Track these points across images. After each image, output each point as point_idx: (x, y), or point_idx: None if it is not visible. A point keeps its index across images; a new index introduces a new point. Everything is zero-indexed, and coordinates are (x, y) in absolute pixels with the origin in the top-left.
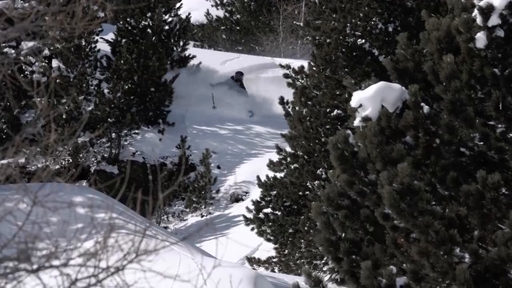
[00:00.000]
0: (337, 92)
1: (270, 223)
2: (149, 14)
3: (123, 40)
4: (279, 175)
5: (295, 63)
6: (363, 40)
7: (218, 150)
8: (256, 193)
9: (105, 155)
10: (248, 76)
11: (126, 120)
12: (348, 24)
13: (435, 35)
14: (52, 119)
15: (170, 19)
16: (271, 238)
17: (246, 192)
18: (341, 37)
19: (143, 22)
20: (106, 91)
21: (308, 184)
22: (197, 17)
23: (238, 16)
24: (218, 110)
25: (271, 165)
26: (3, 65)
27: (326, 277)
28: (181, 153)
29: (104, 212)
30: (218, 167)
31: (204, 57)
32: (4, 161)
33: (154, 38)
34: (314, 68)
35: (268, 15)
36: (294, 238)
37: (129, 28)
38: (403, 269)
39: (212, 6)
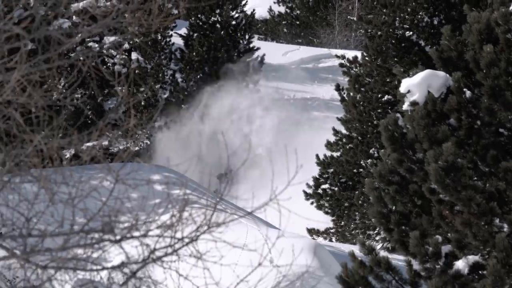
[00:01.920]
0: (388, 80)
1: (328, 198)
2: (218, 11)
3: (195, 35)
4: (335, 154)
5: (350, 54)
6: (411, 32)
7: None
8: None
9: None
10: (306, 66)
11: (198, 105)
12: (397, 18)
13: (476, 27)
14: (132, 106)
15: (236, 15)
16: (329, 211)
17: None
18: (390, 30)
19: (212, 18)
20: (179, 80)
21: (361, 162)
22: (261, 13)
23: (298, 11)
24: None
25: (329, 145)
26: (87, 57)
27: (378, 246)
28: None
29: (178, 188)
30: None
31: (268, 49)
32: (89, 144)
33: (222, 32)
34: (367, 58)
35: (324, 11)
36: (350, 211)
37: (200, 23)
38: (447, 238)
39: (274, 3)
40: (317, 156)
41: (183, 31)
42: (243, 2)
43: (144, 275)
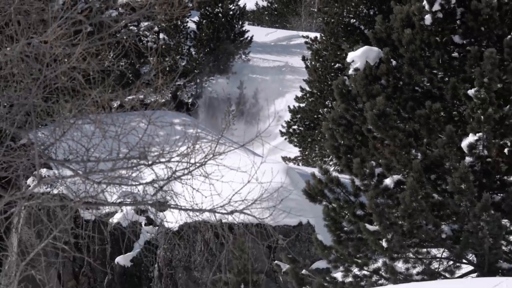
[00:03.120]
0: (338, 53)
1: (296, 135)
2: (220, 4)
3: (204, 21)
4: (302, 104)
5: (312, 35)
6: (354, 20)
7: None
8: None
9: (193, 93)
10: (281, 43)
11: (205, 71)
12: (345, 10)
13: (399, 16)
14: (160, 70)
15: (233, 7)
16: (297, 144)
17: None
18: (340, 18)
19: (216, 9)
20: (193, 52)
21: (320, 110)
22: (250, 6)
23: (276, 5)
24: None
25: (297, 98)
26: (129, 37)
27: (331, 169)
28: (240, 92)
29: (192, 128)
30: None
31: (255, 31)
32: (130, 97)
33: (223, 19)
34: (324, 38)
35: (294, 4)
36: (311, 144)
37: (207, 13)
38: (379, 163)
39: None
40: (289, 106)
41: (196, 18)
42: None
43: (168, 189)
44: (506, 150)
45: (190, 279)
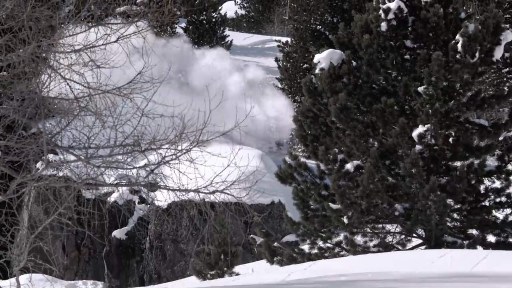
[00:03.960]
0: (306, 55)
1: None
2: (204, 13)
3: (190, 27)
4: None
5: (283, 39)
6: (320, 26)
7: None
8: None
9: None
10: (257, 46)
11: None
12: (312, 18)
13: (359, 23)
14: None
15: (215, 15)
16: None
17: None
18: (308, 25)
19: (201, 17)
20: None
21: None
22: (231, 14)
23: (252, 13)
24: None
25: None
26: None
27: (300, 155)
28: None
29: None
30: None
31: (234, 36)
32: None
33: (207, 26)
34: (294, 42)
35: (268, 13)
36: None
37: (193, 20)
38: (341, 150)
39: (239, 8)
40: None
41: (183, 25)
42: (219, 8)
43: (158, 172)
44: (450, 139)
45: (177, 250)
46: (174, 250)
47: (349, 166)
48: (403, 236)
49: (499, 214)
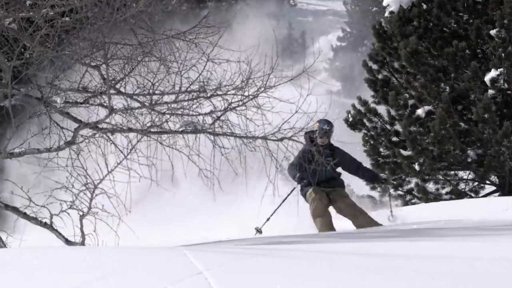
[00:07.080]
0: None
1: (338, 71)
2: None
3: None
4: (343, 44)
5: None
6: None
7: None
8: None
9: None
10: None
11: None
12: None
13: None
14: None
15: None
16: (339, 79)
17: None
18: None
19: None
20: None
21: (359, 49)
22: None
23: None
24: None
25: (339, 38)
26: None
27: (370, 100)
28: (288, 32)
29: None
30: None
31: None
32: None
33: None
34: None
35: None
36: (351, 80)
37: None
38: (412, 96)
39: None
40: (331, 45)
41: None
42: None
43: (224, 119)
44: None
45: None
46: None
47: (420, 111)
48: (476, 183)
49: None
